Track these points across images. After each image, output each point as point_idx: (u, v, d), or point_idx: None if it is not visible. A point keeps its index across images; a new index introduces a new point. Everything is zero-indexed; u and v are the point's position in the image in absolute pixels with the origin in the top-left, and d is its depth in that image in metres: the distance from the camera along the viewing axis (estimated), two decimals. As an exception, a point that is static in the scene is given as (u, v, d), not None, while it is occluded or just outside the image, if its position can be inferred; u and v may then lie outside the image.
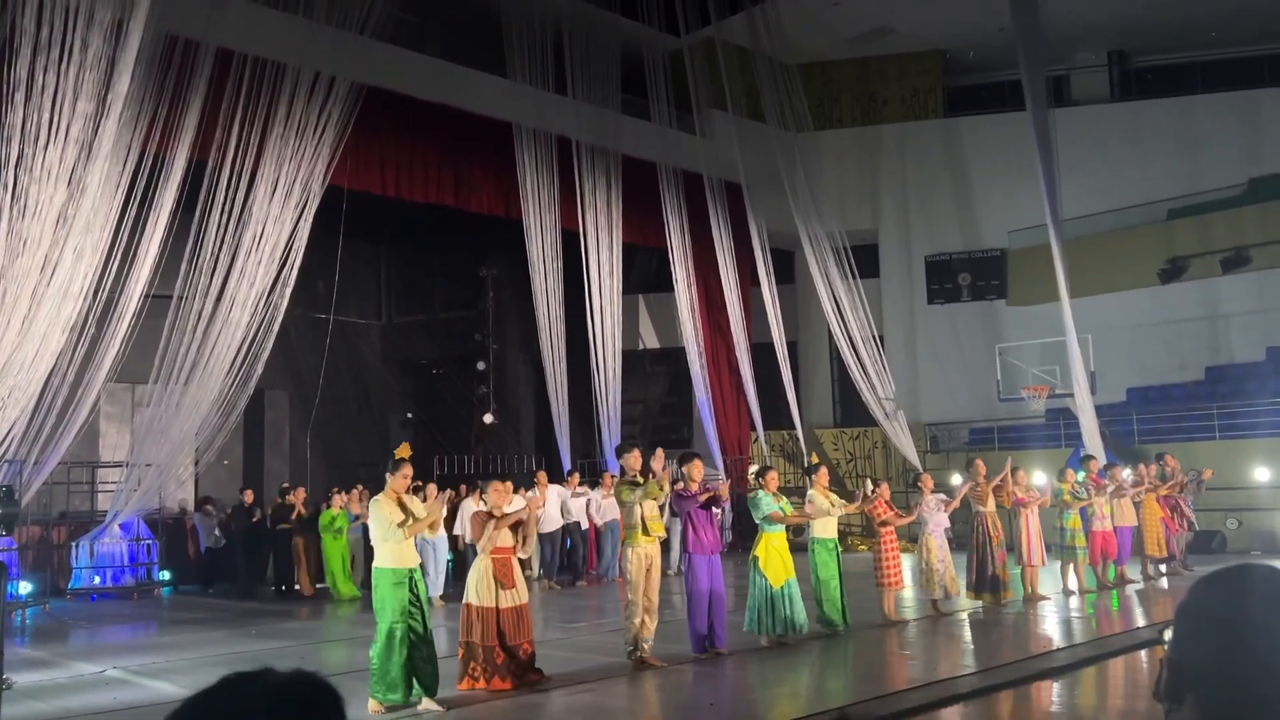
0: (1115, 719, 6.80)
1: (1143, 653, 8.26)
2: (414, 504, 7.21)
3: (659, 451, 8.35)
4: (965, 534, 11.39)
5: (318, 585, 14.40)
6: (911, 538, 12.20)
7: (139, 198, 12.00)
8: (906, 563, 10.93)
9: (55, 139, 9.56)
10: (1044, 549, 11.53)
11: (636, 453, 8.21)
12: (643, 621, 7.90)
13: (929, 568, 10.38)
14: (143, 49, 10.38)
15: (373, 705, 6.65)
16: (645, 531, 7.91)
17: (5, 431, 10.11)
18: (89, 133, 9.85)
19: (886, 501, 10.40)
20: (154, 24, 10.58)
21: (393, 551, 6.86)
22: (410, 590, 6.82)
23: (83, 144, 9.80)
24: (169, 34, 11.76)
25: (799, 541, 10.95)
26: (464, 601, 7.37)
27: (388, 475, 7.14)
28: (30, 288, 9.71)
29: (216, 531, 15.68)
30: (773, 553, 8.77)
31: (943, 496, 11.11)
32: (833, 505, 9.65)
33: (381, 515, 6.89)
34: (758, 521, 8.95)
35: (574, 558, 15.35)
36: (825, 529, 9.56)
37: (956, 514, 11.26)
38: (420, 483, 11.11)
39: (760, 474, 9.24)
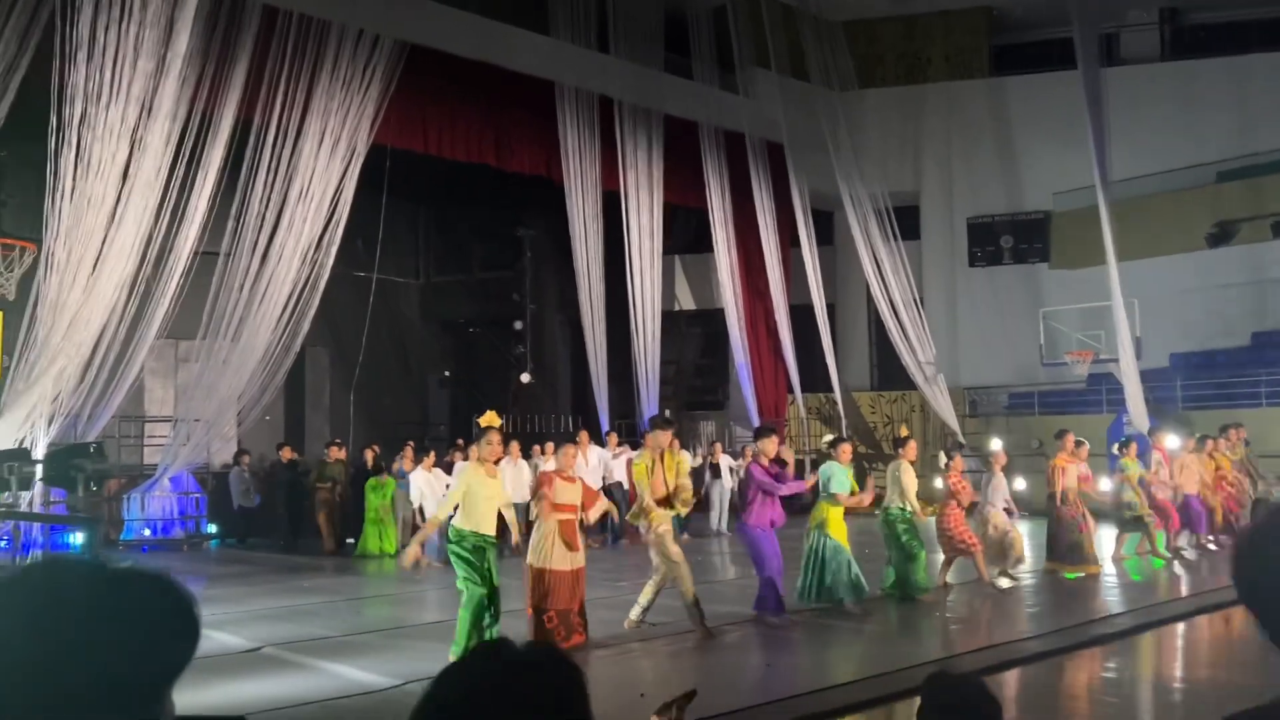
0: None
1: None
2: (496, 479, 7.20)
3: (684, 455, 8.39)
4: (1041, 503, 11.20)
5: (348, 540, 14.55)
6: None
7: (187, 155, 12.10)
8: None
9: (116, 98, 9.64)
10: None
11: (670, 434, 8.05)
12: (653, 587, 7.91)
13: (997, 539, 10.21)
14: (200, 6, 10.40)
15: None
16: (670, 505, 7.82)
17: (72, 388, 10.30)
18: (149, 91, 9.92)
19: (962, 473, 10.27)
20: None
21: (474, 515, 6.98)
22: (486, 557, 6.95)
23: (143, 102, 9.88)
24: (216, -8, 11.79)
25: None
26: (530, 564, 7.40)
27: (474, 445, 7.28)
28: (95, 245, 9.84)
29: (250, 489, 15.66)
30: (838, 518, 8.76)
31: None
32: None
33: (470, 484, 7.01)
34: (831, 492, 8.82)
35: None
36: (911, 494, 9.54)
37: (1038, 485, 11.15)
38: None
39: (833, 444, 9.20)
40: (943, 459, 10.40)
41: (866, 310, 21.74)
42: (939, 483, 10.40)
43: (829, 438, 11.61)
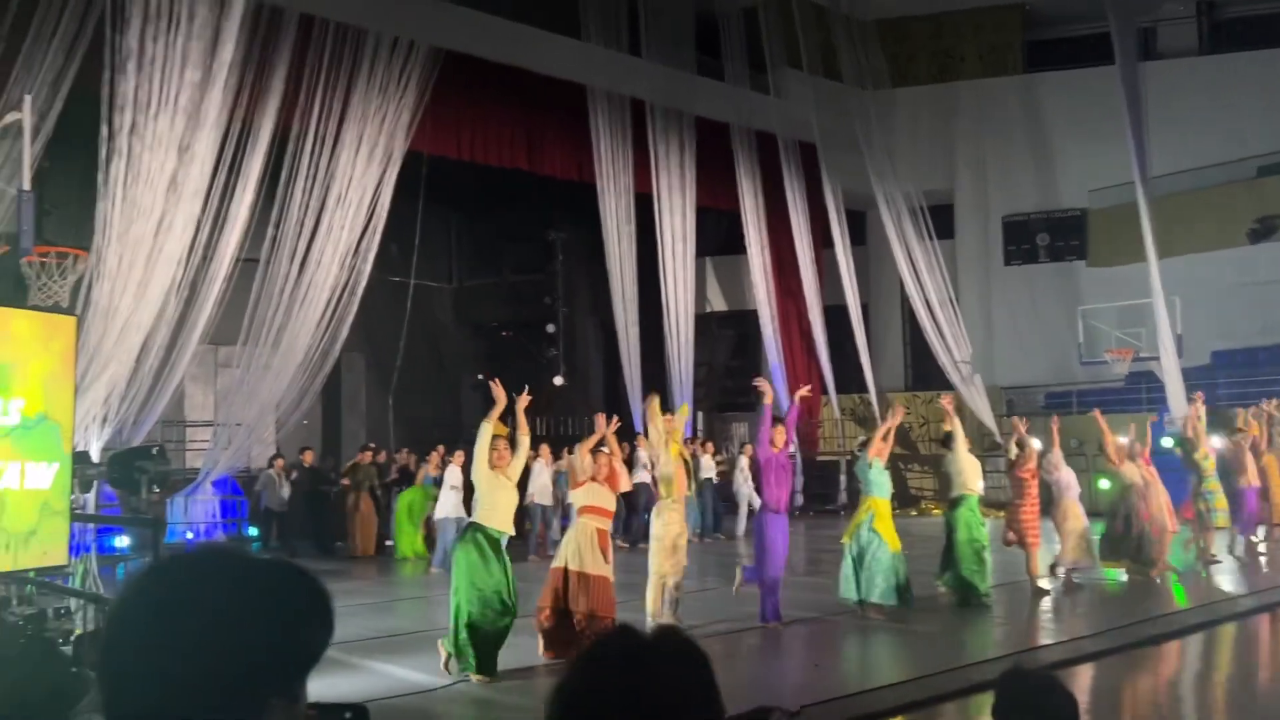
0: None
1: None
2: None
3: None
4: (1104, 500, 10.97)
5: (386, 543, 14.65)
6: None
7: (228, 163, 12.25)
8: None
9: (164, 107, 9.80)
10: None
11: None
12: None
13: (1073, 532, 10.06)
14: (245, 17, 10.54)
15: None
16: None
17: (113, 394, 10.46)
18: (195, 100, 10.07)
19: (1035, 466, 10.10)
20: (256, -8, 10.74)
21: (495, 514, 6.96)
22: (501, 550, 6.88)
23: (190, 112, 10.03)
24: (257, 2, 11.93)
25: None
26: (559, 566, 7.27)
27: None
28: (145, 253, 10.00)
29: (285, 493, 15.37)
30: (888, 517, 8.69)
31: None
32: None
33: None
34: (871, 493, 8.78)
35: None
36: (974, 483, 9.32)
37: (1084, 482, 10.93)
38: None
39: (864, 445, 9.16)
40: (1013, 449, 10.21)
41: (901, 310, 21.62)
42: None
43: (862, 439, 11.53)
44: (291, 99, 13.13)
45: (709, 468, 16.09)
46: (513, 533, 7.08)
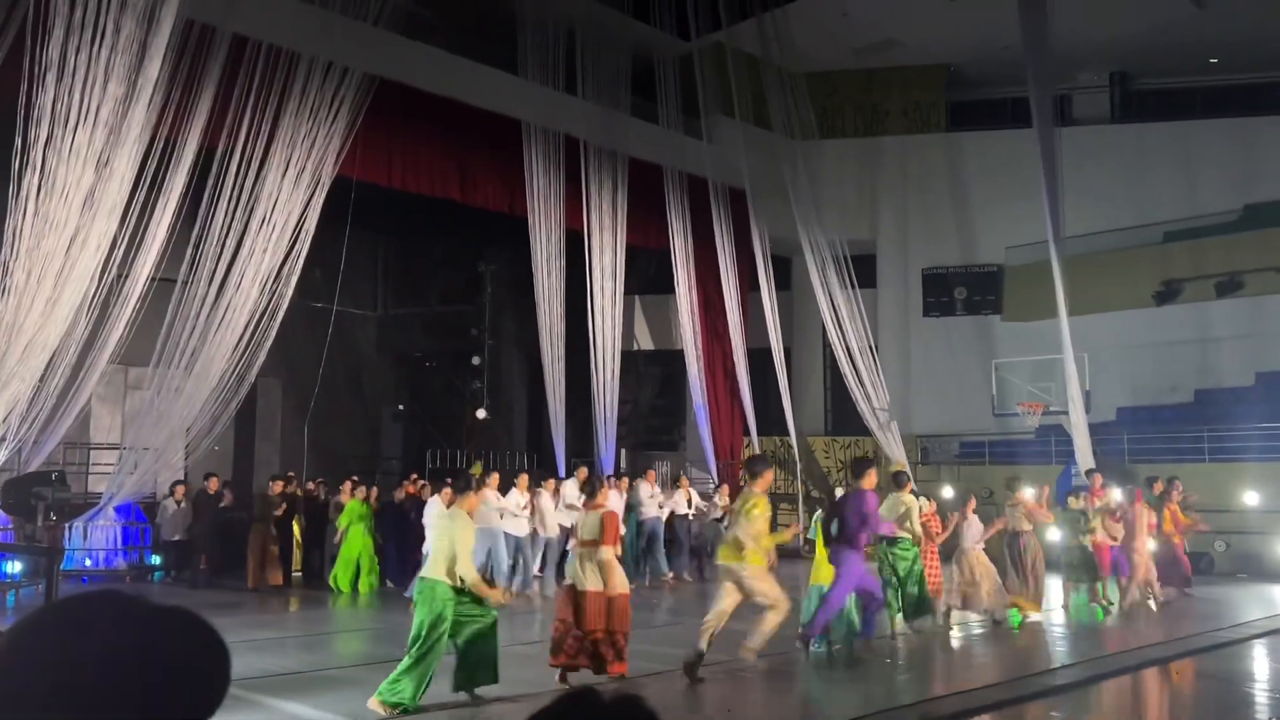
0: None
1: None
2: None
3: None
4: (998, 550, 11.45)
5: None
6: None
7: (148, 181, 11.96)
8: None
9: (85, 121, 9.52)
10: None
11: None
12: None
13: (970, 582, 10.47)
14: (174, 33, 10.34)
15: None
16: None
17: (13, 413, 10.06)
18: (118, 116, 9.81)
19: (934, 513, 10.56)
20: (185, 9, 10.54)
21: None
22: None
23: (111, 127, 9.76)
24: (187, 19, 11.73)
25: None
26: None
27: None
28: (55, 269, 9.67)
29: (184, 523, 14.70)
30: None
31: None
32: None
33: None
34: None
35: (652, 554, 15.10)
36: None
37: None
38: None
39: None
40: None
41: (822, 356, 21.99)
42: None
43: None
44: (219, 118, 12.90)
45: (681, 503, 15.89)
46: None
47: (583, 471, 13.85)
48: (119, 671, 1.05)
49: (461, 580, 6.66)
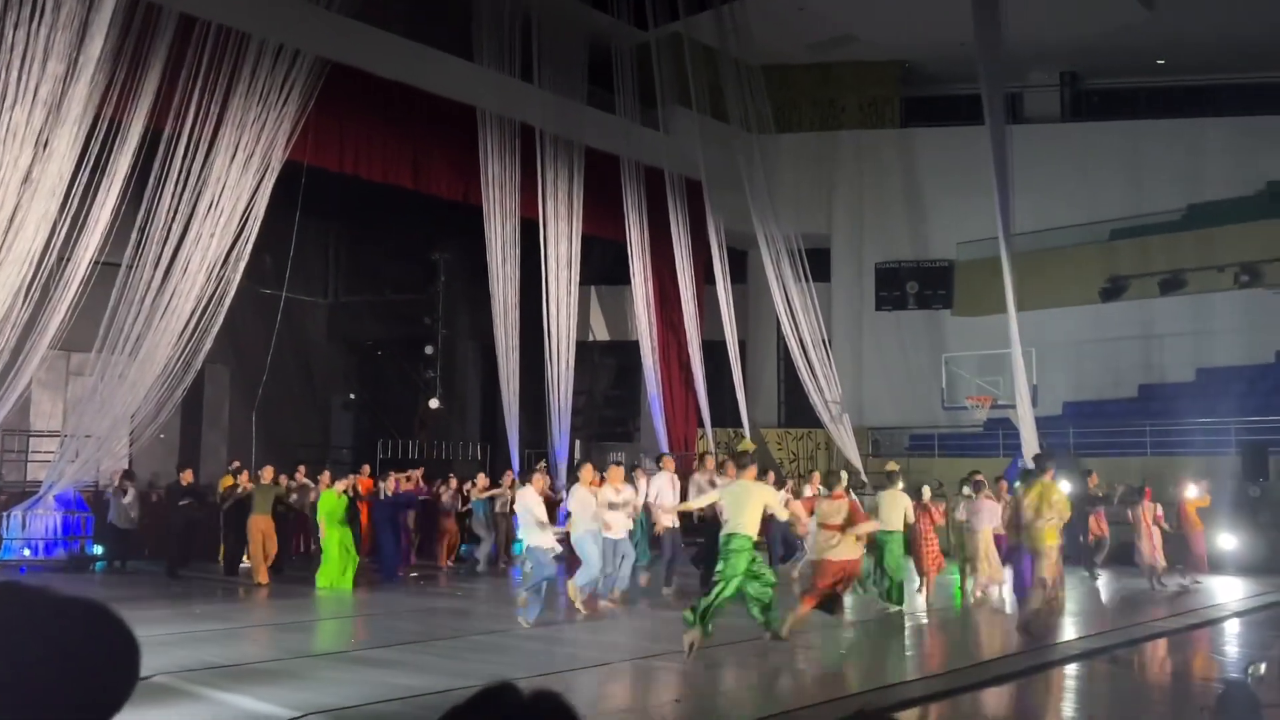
0: None
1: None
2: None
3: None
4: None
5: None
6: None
7: (91, 162, 11.67)
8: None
9: (23, 99, 9.26)
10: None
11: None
12: None
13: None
14: (116, 12, 10.08)
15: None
16: None
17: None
18: (57, 95, 9.55)
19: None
20: (128, -14, 10.29)
21: None
22: None
23: (50, 106, 9.50)
24: (133, -4, 11.47)
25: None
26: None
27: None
28: (-10, 251, 9.41)
29: (133, 514, 14.40)
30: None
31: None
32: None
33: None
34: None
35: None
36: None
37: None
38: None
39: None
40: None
41: (776, 348, 22.12)
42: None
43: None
44: (166, 100, 12.62)
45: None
46: None
47: (669, 461, 12.90)
48: (18, 663, 1.01)
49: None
